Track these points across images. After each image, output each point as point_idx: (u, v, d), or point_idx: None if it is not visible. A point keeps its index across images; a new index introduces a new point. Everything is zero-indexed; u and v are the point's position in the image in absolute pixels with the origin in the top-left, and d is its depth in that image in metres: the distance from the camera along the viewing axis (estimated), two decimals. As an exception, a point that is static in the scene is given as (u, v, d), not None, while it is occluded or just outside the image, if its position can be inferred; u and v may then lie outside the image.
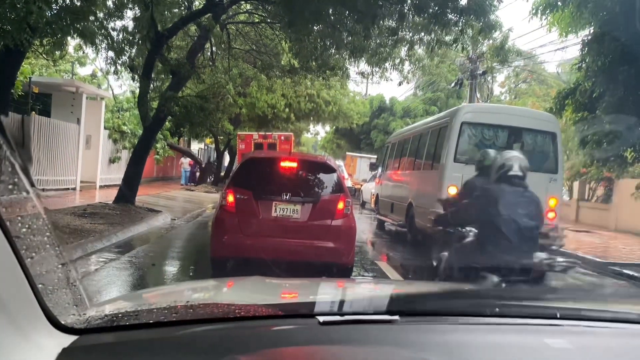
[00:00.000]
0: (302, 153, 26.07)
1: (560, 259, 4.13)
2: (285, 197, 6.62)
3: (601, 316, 1.47)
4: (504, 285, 3.97)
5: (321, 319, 1.24)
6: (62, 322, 1.11)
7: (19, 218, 1.00)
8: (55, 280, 1.11)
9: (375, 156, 33.46)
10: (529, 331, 1.34)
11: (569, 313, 1.44)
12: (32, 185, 1.07)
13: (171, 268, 8.11)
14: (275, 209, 6.61)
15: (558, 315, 1.38)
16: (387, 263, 9.03)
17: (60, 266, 1.13)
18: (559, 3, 10.77)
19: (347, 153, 34.94)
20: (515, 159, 4.39)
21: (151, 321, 1.22)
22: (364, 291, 2.28)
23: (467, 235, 4.55)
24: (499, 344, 1.26)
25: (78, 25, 9.08)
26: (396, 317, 1.28)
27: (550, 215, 9.38)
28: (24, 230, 1.01)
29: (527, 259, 4.08)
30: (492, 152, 4.84)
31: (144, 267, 7.60)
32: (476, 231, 4.44)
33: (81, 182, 17.40)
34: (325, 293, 1.94)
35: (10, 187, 0.98)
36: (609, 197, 21.38)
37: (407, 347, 1.20)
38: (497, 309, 1.43)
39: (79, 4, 9.37)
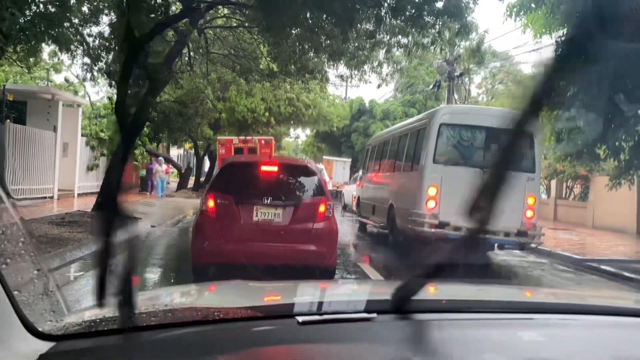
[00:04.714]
0: (283, 157, 26.03)
1: None
2: (266, 201, 6.61)
3: (572, 309, 1.50)
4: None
5: (300, 319, 1.26)
6: (39, 329, 1.10)
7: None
8: (32, 287, 1.10)
9: (350, 159, 34.16)
10: (502, 325, 1.37)
11: (541, 307, 1.47)
12: (8, 194, 1.07)
13: (152, 275, 8.02)
14: (257, 213, 6.60)
15: (530, 310, 1.41)
16: (369, 265, 9.06)
17: (35, 272, 1.12)
18: (533, 5, 10.96)
19: (324, 157, 35.38)
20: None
21: (130, 325, 1.22)
22: (344, 291, 2.30)
23: None
24: (473, 338, 1.29)
25: (53, 32, 8.99)
26: (374, 315, 1.30)
27: (529, 214, 9.50)
28: None
29: None
30: None
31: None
32: None
33: (59, 190, 17.13)
34: (306, 294, 1.95)
35: None
36: (585, 195, 21.77)
37: (384, 344, 1.22)
38: (470, 306, 1.46)
39: (53, 10, 9.27)
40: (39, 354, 1.06)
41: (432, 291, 2.10)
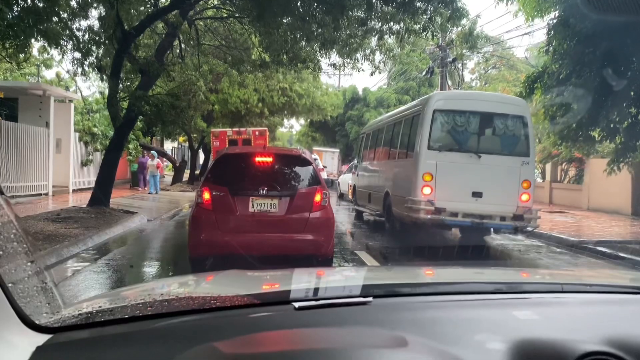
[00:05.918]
0: (277, 147, 25.98)
1: None
2: (261, 192, 6.59)
3: (567, 288, 1.51)
4: None
5: (297, 304, 1.26)
6: (36, 322, 1.10)
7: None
8: (27, 281, 1.10)
9: (338, 150, 34.67)
10: (498, 305, 1.38)
11: (535, 287, 1.48)
12: (1, 192, 1.06)
13: (150, 269, 8.03)
14: (253, 204, 6.58)
15: (525, 289, 1.42)
16: (366, 252, 9.08)
17: (29, 264, 1.11)
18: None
19: (314, 148, 35.82)
20: None
21: (126, 316, 1.22)
22: (340, 277, 2.31)
23: None
24: (469, 318, 1.30)
25: (41, 27, 8.89)
26: (370, 299, 1.30)
27: (524, 197, 9.54)
28: None
29: None
30: None
31: (122, 269, 7.51)
32: None
33: (53, 186, 17.06)
34: (302, 281, 1.96)
35: None
36: (580, 178, 21.85)
37: (381, 326, 1.23)
38: (466, 288, 1.47)
39: (41, 4, 9.16)
40: (36, 346, 1.06)
41: (429, 275, 2.11)
